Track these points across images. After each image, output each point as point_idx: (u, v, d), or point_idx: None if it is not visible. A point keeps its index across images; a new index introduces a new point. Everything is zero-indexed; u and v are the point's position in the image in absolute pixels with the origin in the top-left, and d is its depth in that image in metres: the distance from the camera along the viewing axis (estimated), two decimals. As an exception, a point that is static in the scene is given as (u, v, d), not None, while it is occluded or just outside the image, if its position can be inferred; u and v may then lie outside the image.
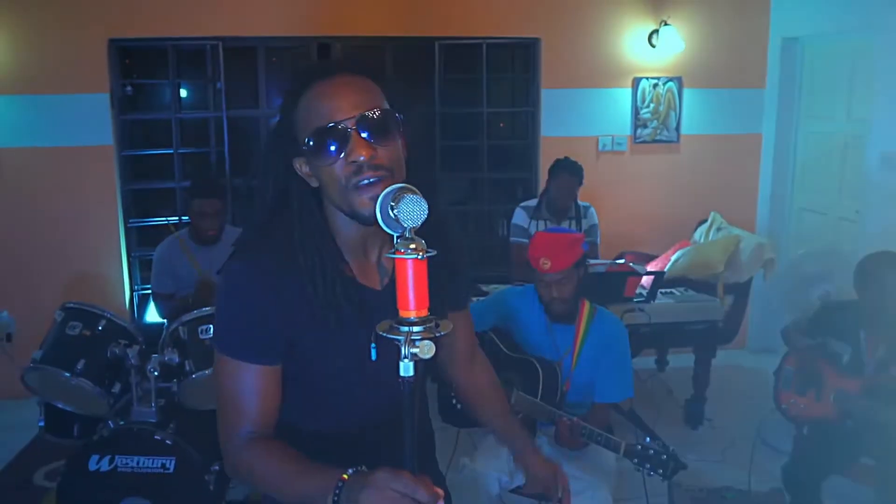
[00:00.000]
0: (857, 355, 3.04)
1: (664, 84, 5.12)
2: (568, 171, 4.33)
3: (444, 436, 3.53)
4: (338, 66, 1.33)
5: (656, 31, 5.01)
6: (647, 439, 2.44)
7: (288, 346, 1.33)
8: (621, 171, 5.24)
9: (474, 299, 3.46)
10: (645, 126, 5.18)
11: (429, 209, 1.13)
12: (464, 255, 1.57)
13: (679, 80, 5.14)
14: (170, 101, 4.86)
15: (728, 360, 5.09)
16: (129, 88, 4.77)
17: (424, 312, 1.05)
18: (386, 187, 1.14)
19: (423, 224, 1.13)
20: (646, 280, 4.06)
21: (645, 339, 4.26)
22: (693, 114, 5.24)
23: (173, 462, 2.84)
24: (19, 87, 4.56)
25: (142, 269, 4.90)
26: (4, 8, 4.49)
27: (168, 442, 2.84)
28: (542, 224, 4.39)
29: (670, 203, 5.27)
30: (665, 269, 4.36)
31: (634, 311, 3.80)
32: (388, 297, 1.30)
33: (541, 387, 2.71)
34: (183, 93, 5.13)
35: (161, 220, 4.83)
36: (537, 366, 2.74)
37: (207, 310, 3.13)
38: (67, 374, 2.95)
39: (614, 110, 5.17)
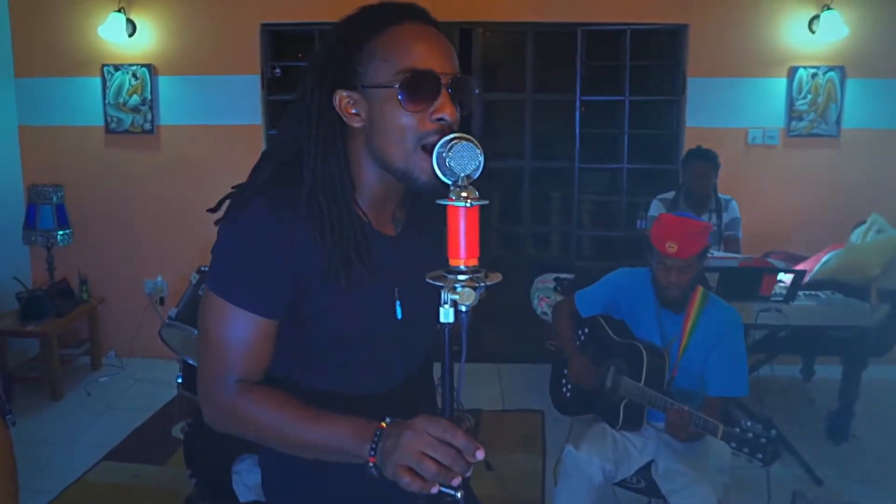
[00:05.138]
0: None
1: (824, 74, 4.77)
2: (700, 158, 4.17)
3: (562, 431, 3.49)
4: (431, 18, 1.25)
5: (817, 16, 4.68)
6: (747, 423, 2.29)
7: (295, 302, 1.22)
8: (772, 165, 4.94)
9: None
10: (800, 118, 4.85)
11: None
12: None
13: (842, 70, 4.77)
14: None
15: (888, 374, 4.69)
16: (277, 70, 4.97)
17: (474, 262, 1.04)
18: None
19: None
20: (788, 279, 3.79)
21: (784, 343, 4.00)
22: (857, 106, 4.85)
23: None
24: (180, 68, 4.90)
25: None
26: (172, -2, 4.84)
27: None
28: (679, 217, 4.22)
29: (826, 202, 4.91)
30: (815, 270, 4.07)
31: (771, 310, 3.56)
32: (404, 243, 1.30)
33: (644, 371, 2.61)
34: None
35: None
36: (642, 350, 2.64)
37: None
38: (197, 332, 3.12)
39: (767, 101, 4.88)
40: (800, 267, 4.19)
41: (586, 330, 2.96)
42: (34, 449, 3.81)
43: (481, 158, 1.06)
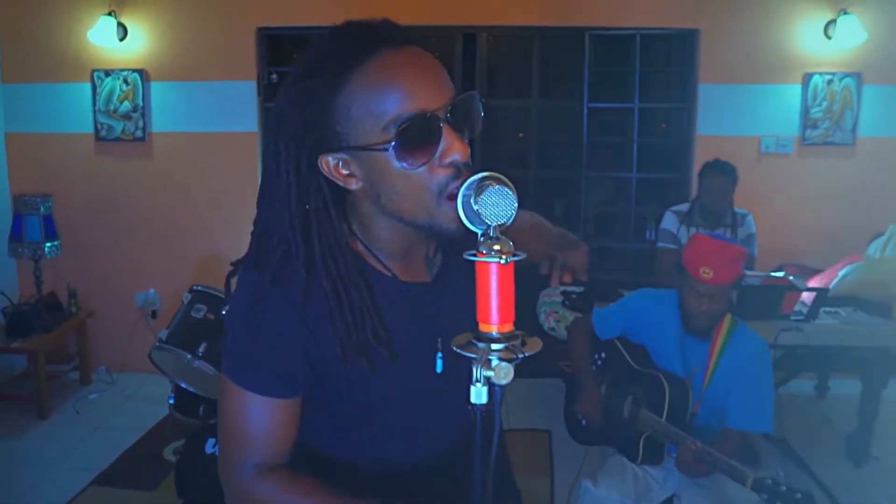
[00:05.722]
0: None
1: (840, 80, 4.61)
2: (719, 171, 4.02)
3: (570, 452, 3.34)
4: (403, 34, 1.05)
5: (833, 20, 4.51)
6: (781, 473, 2.13)
7: (316, 376, 1.11)
8: (785, 175, 4.78)
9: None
10: (815, 126, 4.69)
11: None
12: None
13: (858, 76, 4.61)
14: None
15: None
16: (274, 76, 4.82)
17: (509, 327, 0.88)
18: None
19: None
20: (807, 297, 3.64)
21: (802, 361, 3.87)
22: (873, 114, 4.68)
23: (286, 452, 2.80)
24: (173, 74, 4.74)
25: (279, 255, 4.98)
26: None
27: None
28: (693, 231, 4.08)
29: (841, 213, 4.75)
30: (830, 286, 3.92)
31: (791, 330, 3.40)
32: (442, 287, 1.16)
33: (667, 405, 2.44)
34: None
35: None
36: (664, 382, 2.47)
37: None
38: (189, 357, 3.00)
39: (780, 109, 4.71)
40: (815, 280, 4.06)
41: (603, 355, 2.80)
42: (19, 472, 3.67)
43: (516, 204, 0.90)
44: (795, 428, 4.19)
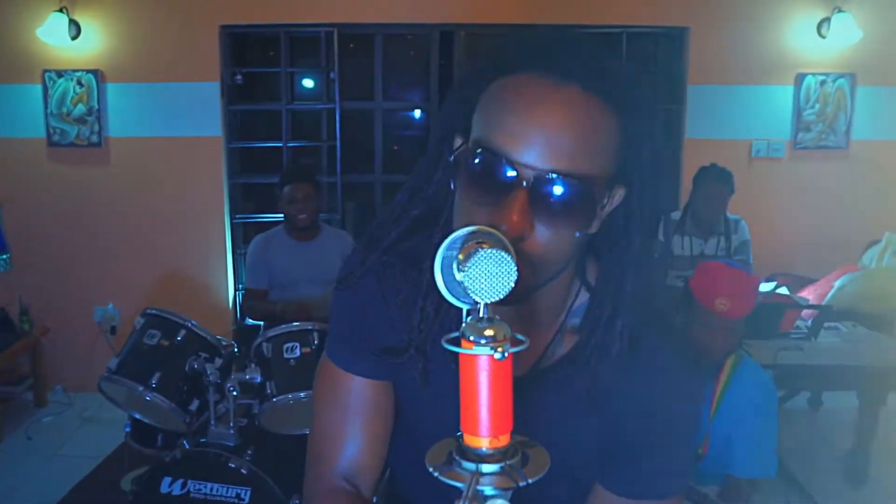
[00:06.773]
0: None
1: (834, 81, 4.47)
2: (716, 179, 3.84)
3: None
4: (564, 62, 0.84)
5: (827, 19, 4.37)
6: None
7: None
8: (777, 180, 4.64)
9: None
10: (808, 129, 4.55)
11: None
12: (679, 426, 1.00)
13: (852, 77, 4.48)
14: (281, 90, 4.63)
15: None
16: (238, 77, 4.60)
17: (505, 440, 0.63)
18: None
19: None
20: (806, 312, 3.46)
21: (801, 380, 3.70)
22: (868, 116, 4.56)
23: (249, 493, 2.59)
24: (131, 75, 4.49)
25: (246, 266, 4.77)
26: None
27: (243, 471, 2.58)
28: (686, 240, 3.89)
29: (835, 219, 4.62)
30: (829, 296, 3.76)
31: (792, 349, 3.22)
32: (528, 385, 0.98)
33: None
34: (307, 82, 4.91)
35: (267, 217, 4.63)
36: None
37: (296, 325, 2.87)
38: (141, 389, 2.75)
39: (772, 111, 4.57)
40: (809, 290, 3.92)
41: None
42: (-41, 511, 3.40)
43: (515, 276, 0.64)
44: (790, 446, 4.01)
